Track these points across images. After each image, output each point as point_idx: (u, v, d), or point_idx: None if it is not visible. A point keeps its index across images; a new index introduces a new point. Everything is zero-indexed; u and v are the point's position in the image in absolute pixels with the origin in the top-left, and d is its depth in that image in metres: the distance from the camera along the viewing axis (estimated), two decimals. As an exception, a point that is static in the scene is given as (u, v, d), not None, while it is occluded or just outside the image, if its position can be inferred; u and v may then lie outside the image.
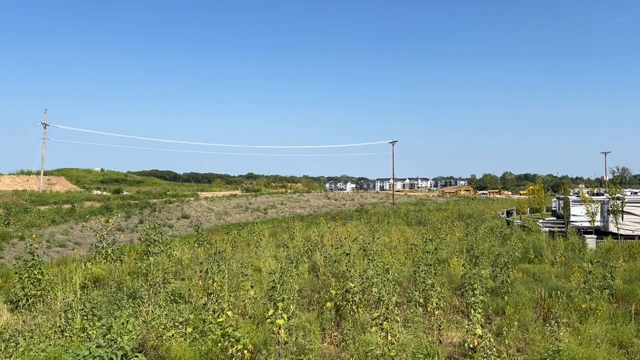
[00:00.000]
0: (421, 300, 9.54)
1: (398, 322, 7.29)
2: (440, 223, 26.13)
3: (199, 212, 46.51)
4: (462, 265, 12.10)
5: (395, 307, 7.91)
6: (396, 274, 11.76)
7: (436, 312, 9.16)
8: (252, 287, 9.36)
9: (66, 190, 66.22)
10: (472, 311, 7.90)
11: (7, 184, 65.84)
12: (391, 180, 74.92)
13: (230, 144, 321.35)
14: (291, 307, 8.35)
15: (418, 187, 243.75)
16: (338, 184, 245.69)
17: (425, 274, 10.04)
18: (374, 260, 11.14)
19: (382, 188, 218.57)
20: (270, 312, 7.27)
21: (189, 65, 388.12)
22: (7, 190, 56.59)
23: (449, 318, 10.08)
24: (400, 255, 15.36)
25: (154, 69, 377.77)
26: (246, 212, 50.74)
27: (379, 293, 8.29)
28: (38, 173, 65.82)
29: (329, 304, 9.18)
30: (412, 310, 9.47)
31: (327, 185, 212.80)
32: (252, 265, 12.76)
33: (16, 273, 12.41)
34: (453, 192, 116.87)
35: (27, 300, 11.57)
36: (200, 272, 11.12)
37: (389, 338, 7.19)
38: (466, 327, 7.99)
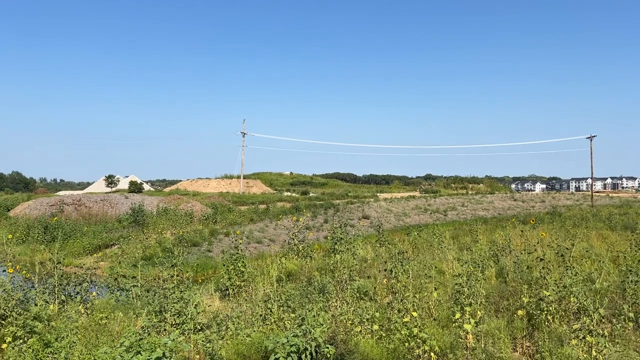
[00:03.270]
0: (631, 315, 8.39)
1: (604, 336, 6.53)
2: (653, 228, 22.61)
3: (378, 213, 47.40)
4: (685, 278, 10.31)
5: (600, 320, 7.09)
6: (603, 284, 10.53)
7: (652, 330, 7.98)
8: (435, 289, 9.24)
9: (261, 192, 73.12)
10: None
11: (214, 187, 75.22)
12: (589, 180, 67.36)
13: (408, 145, 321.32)
14: (478, 312, 8.03)
15: (622, 187, 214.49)
16: (525, 185, 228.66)
17: (636, 284, 8.81)
18: (573, 267, 10.12)
19: (577, 189, 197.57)
20: (457, 315, 7.08)
21: (369, 69, 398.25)
22: (214, 192, 64.71)
23: (668, 338, 8.69)
24: (604, 263, 13.71)
25: (335, 74, 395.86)
26: (425, 214, 50.17)
27: (580, 303, 7.51)
28: (238, 177, 73.84)
29: (520, 312, 8.60)
30: (620, 325, 8.39)
31: (513, 185, 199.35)
32: (435, 267, 12.59)
33: (223, 265, 14.10)
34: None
35: (233, 289, 13.06)
36: (385, 271, 11.32)
37: (593, 354, 6.48)
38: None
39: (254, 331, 8.32)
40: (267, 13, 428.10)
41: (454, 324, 7.45)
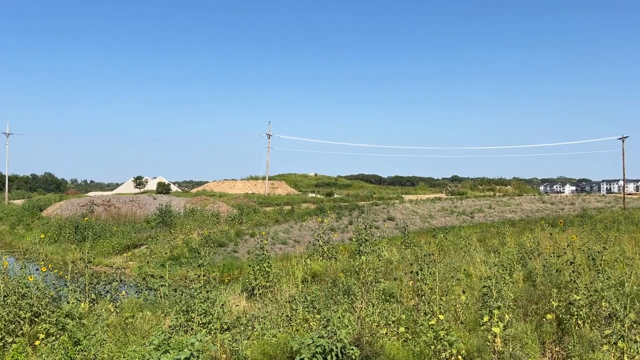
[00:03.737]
0: (665, 321, 8.15)
1: (637, 342, 6.37)
2: (689, 231, 21.90)
3: (404, 215, 47.11)
4: None
5: (633, 325, 6.92)
6: (634, 288, 10.26)
7: (688, 336, 7.73)
8: (463, 292, 9.14)
9: (286, 193, 73.45)
10: None
11: (240, 188, 75.87)
12: (621, 182, 65.79)
13: (433, 146, 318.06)
14: (506, 315, 7.91)
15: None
16: (554, 187, 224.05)
17: (671, 290, 8.55)
18: (604, 271, 9.89)
19: (608, 191, 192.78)
20: (485, 318, 7.00)
21: (394, 69, 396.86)
22: (240, 193, 65.28)
23: None
24: (637, 267, 13.36)
25: (360, 75, 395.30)
26: (451, 216, 49.66)
27: (611, 308, 7.34)
28: (264, 178, 74.33)
29: (549, 316, 8.46)
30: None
31: (542, 187, 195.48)
32: (464, 271, 12.45)
33: (249, 265, 14.21)
34: None
35: (259, 290, 13.15)
36: (410, 273, 11.25)
37: (625, 359, 6.32)
38: None
39: (280, 331, 8.37)
40: (290, 13, 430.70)
41: (481, 327, 7.36)
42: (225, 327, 9.13)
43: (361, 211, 45.54)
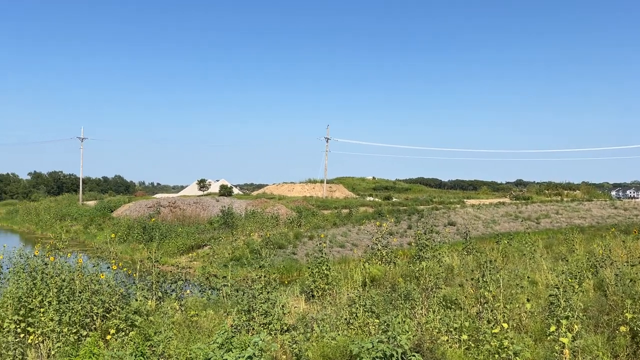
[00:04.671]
0: None
1: None
2: None
3: (465, 220, 45.99)
4: None
5: None
6: None
7: None
8: (528, 300, 8.83)
9: (344, 196, 73.50)
10: None
11: (298, 191, 76.68)
12: (703, 187, 61.30)
13: (497, 149, 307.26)
14: (575, 326, 7.57)
15: None
16: (627, 192, 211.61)
17: None
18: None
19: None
20: (553, 328, 6.72)
21: (454, 71, 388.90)
22: (298, 196, 66.04)
23: None
24: None
25: (419, 76, 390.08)
26: (516, 222, 47.99)
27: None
28: (322, 181, 74.78)
29: (622, 328, 8.01)
30: None
31: (613, 192, 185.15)
32: (528, 278, 12.02)
33: (308, 268, 14.35)
34: None
35: (318, 292, 13.25)
36: (472, 279, 10.98)
37: None
38: None
39: (339, 334, 8.40)
40: (344, 16, 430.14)
41: (548, 338, 7.08)
42: (285, 328, 9.27)
43: (420, 215, 44.85)
